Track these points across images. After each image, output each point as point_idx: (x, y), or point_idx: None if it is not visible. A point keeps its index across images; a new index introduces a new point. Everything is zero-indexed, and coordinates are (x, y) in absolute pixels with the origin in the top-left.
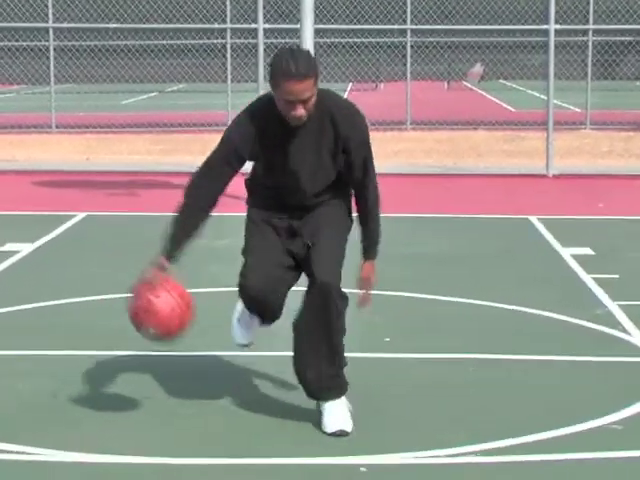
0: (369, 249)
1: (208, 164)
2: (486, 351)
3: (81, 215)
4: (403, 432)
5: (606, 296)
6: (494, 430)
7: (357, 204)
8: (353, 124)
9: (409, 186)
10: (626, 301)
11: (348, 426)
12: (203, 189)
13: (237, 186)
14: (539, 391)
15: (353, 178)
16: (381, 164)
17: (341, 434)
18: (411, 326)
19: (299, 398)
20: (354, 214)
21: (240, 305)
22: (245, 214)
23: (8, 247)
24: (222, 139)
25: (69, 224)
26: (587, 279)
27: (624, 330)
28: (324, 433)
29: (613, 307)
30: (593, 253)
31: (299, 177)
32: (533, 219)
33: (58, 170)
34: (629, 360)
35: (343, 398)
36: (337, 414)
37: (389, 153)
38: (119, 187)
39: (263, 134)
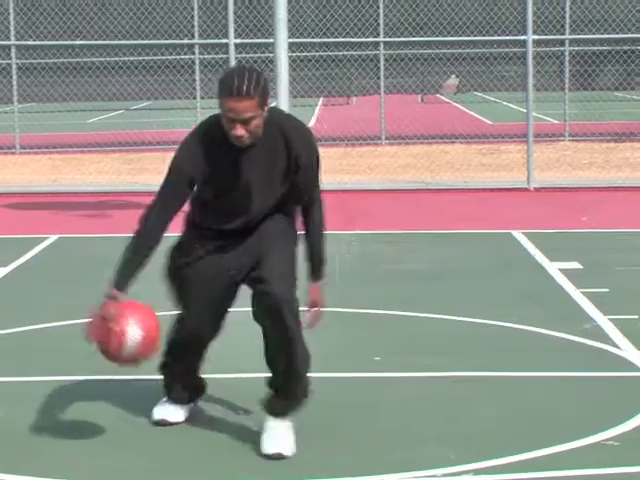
0: (317, 269)
1: (162, 197)
2: (477, 368)
3: (53, 237)
4: (397, 452)
5: (597, 310)
6: (489, 448)
7: (304, 222)
8: (306, 142)
9: (387, 202)
10: (617, 315)
11: (287, 449)
12: (158, 222)
13: None
14: (532, 408)
15: (302, 195)
16: (357, 180)
17: (279, 457)
18: (400, 345)
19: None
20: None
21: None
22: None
23: None
24: (170, 167)
25: (41, 246)
26: (576, 294)
27: (615, 345)
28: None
29: (604, 321)
30: (581, 267)
31: (249, 198)
32: (516, 233)
33: (26, 192)
34: (622, 375)
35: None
36: (277, 435)
37: (365, 169)
38: (90, 208)
39: (212, 155)
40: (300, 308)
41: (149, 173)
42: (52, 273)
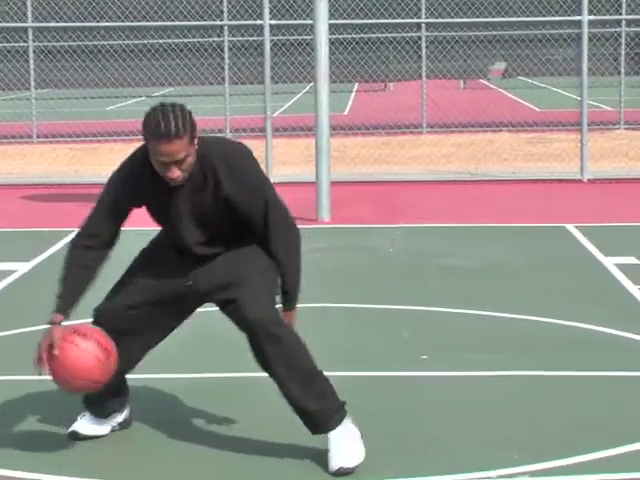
0: (287, 300)
1: (89, 228)
2: (531, 367)
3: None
4: (450, 453)
5: None
6: (544, 450)
7: (269, 254)
8: (237, 176)
9: (429, 194)
10: None
11: (350, 461)
12: (89, 252)
13: None
14: (588, 408)
15: (251, 227)
16: (397, 171)
17: (342, 473)
18: (449, 343)
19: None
20: None
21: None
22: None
23: (2, 266)
24: (100, 200)
25: (65, 240)
26: (634, 290)
27: None
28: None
29: None
30: (638, 262)
31: (186, 231)
32: (570, 227)
33: (46, 183)
34: None
35: (343, 425)
36: (338, 448)
37: (405, 159)
38: None
39: (143, 192)
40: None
41: None
42: None
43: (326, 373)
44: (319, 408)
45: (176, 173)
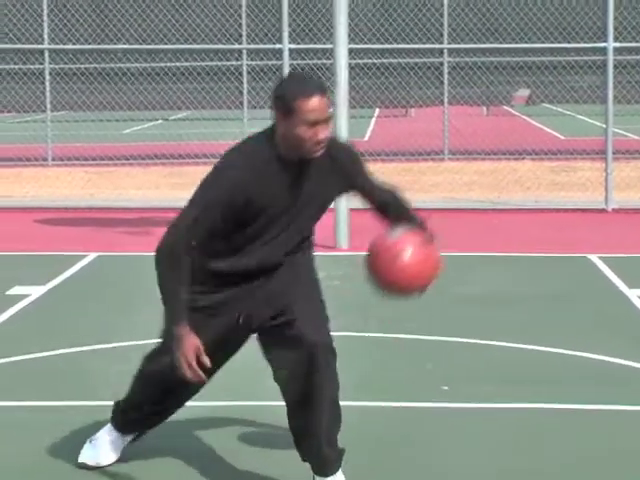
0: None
1: (190, 237)
2: (556, 400)
3: (92, 255)
4: None
5: None
6: None
7: (386, 213)
8: (350, 153)
9: (450, 222)
10: None
11: None
12: (188, 260)
13: None
14: (616, 444)
15: (376, 195)
16: (418, 198)
17: None
18: (469, 374)
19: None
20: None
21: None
22: None
23: (17, 290)
24: (203, 201)
25: (80, 265)
26: None
27: None
28: None
29: None
30: None
31: (297, 222)
32: (593, 257)
33: (61, 207)
34: None
35: (340, 473)
36: None
37: (426, 186)
38: (130, 225)
39: (265, 181)
40: None
41: (193, 188)
42: (92, 293)
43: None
44: (331, 451)
45: (326, 132)
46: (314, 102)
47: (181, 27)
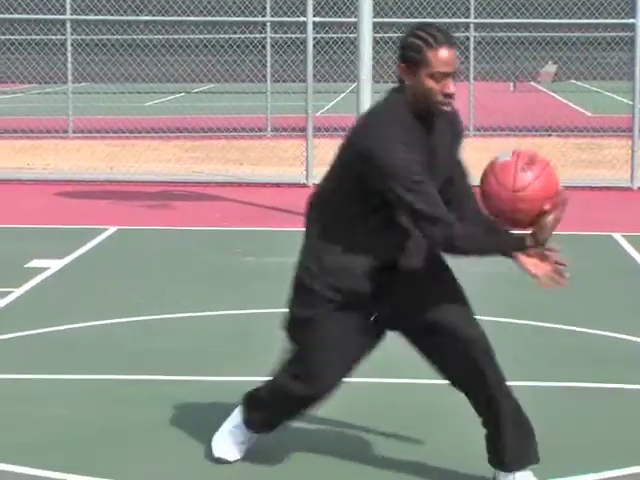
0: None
1: (442, 208)
2: (597, 380)
3: (112, 229)
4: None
5: None
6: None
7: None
8: (462, 124)
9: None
10: None
11: None
12: (462, 224)
13: (283, 199)
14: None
15: (458, 182)
16: None
17: None
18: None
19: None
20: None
21: (238, 417)
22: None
23: (35, 263)
24: (399, 163)
25: (99, 239)
26: None
27: None
28: None
29: None
30: None
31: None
32: (617, 236)
33: (81, 180)
34: None
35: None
36: None
37: None
38: (150, 199)
39: (413, 144)
40: None
41: (215, 162)
42: (111, 267)
43: (359, 379)
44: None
45: (453, 87)
46: (445, 54)
47: None
